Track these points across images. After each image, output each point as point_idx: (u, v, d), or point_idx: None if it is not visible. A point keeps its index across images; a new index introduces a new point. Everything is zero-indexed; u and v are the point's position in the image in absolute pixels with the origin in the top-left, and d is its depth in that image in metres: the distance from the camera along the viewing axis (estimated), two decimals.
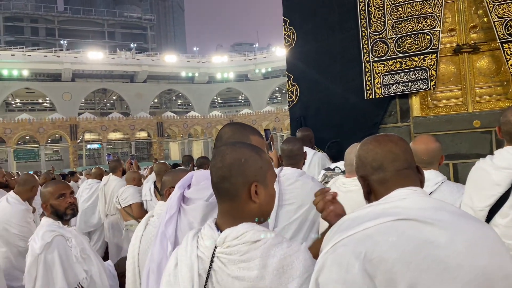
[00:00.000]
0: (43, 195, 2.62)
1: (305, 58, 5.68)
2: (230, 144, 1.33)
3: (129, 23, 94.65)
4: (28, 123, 47.06)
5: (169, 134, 58.19)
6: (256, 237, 1.17)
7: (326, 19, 5.42)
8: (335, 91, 5.31)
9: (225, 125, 1.72)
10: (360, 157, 1.29)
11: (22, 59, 55.00)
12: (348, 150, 2.54)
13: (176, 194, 1.56)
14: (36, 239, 2.42)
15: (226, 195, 1.26)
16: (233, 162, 1.25)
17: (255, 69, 65.82)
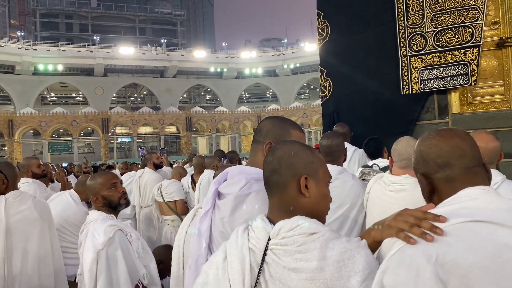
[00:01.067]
0: (93, 187, 2.53)
1: (339, 52, 5.57)
2: (281, 141, 1.32)
3: (160, 19, 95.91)
4: (62, 116, 48.54)
5: (197, 129, 58.79)
6: (313, 229, 1.13)
7: (362, 12, 5.29)
8: (370, 86, 5.18)
9: (265, 118, 1.69)
10: (422, 153, 1.19)
11: (57, 54, 56.69)
12: (400, 143, 2.36)
13: (212, 189, 1.56)
14: (96, 234, 2.32)
15: (275, 188, 1.23)
16: (283, 155, 1.23)
17: (284, 64, 65.52)
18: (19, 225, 2.83)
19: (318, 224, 1.16)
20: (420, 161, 1.20)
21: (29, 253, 2.82)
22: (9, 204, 2.85)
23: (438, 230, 0.98)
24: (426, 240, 0.97)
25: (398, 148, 2.35)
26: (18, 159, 43.96)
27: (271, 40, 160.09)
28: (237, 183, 1.48)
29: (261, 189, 1.40)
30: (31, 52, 55.14)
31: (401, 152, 2.32)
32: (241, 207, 1.43)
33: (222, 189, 1.52)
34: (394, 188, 2.28)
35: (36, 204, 2.91)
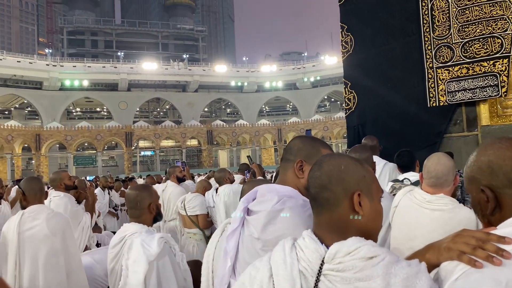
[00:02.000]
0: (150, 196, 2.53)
1: (363, 65, 5.54)
2: (327, 154, 1.24)
3: (182, 35, 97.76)
4: (87, 131, 49.64)
5: (218, 142, 59.15)
6: (371, 252, 1.02)
7: (386, 25, 5.27)
8: (395, 98, 5.12)
9: (295, 137, 1.68)
10: (491, 163, 1.06)
11: (82, 70, 58.28)
12: (430, 160, 2.28)
13: (240, 207, 1.52)
14: (146, 245, 2.32)
15: (325, 205, 1.14)
16: (332, 169, 1.14)
17: (304, 77, 65.57)
18: (30, 241, 2.83)
19: (376, 246, 1.06)
20: (486, 172, 1.06)
21: (39, 270, 2.79)
22: (24, 219, 2.87)
23: (505, 253, 0.87)
24: (494, 264, 0.86)
25: (428, 165, 2.28)
26: (44, 173, 45.06)
27: (291, 54, 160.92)
28: (269, 200, 1.43)
29: (294, 206, 1.36)
30: (58, 68, 56.86)
31: (430, 170, 2.25)
32: (273, 223, 1.37)
33: (253, 207, 1.48)
34: (429, 206, 2.20)
35: (49, 220, 2.89)
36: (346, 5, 5.65)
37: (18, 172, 45.80)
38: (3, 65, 51.65)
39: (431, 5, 4.83)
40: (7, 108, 59.37)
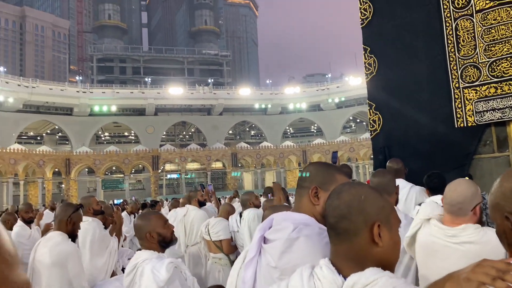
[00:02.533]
0: (148, 225, 2.57)
1: (388, 86, 5.50)
2: (345, 183, 1.24)
3: (207, 60, 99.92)
4: (115, 155, 50.75)
5: (243, 164, 59.28)
6: (389, 284, 1.01)
7: (410, 46, 5.24)
8: (422, 119, 5.04)
9: (309, 164, 1.67)
10: None
11: (111, 96, 60.08)
12: (449, 186, 2.21)
13: (257, 236, 1.51)
14: (156, 271, 2.35)
15: (345, 235, 1.13)
16: (352, 199, 1.13)
17: (328, 98, 65.46)
18: (37, 268, 2.96)
19: (393, 277, 1.05)
20: (510, 199, 1.03)
21: None
22: (39, 245, 3.05)
23: None
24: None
25: (446, 190, 2.22)
26: (73, 196, 46.09)
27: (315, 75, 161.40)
28: (285, 228, 1.42)
29: (311, 234, 1.35)
30: (88, 94, 58.82)
31: (446, 195, 2.20)
32: (290, 251, 1.37)
33: (269, 235, 1.48)
34: (456, 240, 2.13)
35: (53, 249, 2.99)
36: (369, 28, 5.66)
37: (48, 196, 47.01)
38: (36, 93, 53.84)
39: (456, 25, 4.79)
40: (39, 133, 61.55)
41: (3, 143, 47.45)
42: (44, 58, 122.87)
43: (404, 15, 5.30)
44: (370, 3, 5.63)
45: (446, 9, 4.87)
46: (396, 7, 5.41)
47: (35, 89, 54.23)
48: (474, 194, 2.15)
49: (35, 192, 47.51)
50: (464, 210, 2.14)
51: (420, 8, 5.15)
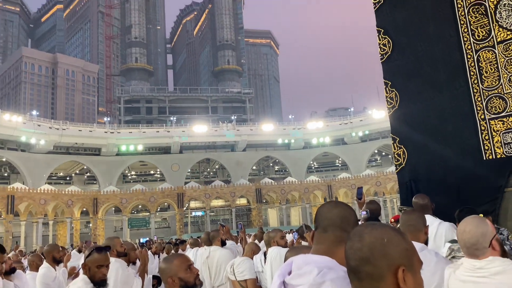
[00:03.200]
0: (170, 269, 2.53)
1: (411, 119, 5.44)
2: (366, 224, 1.21)
3: (230, 98, 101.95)
4: (141, 193, 51.34)
5: (267, 200, 58.82)
6: None
7: (431, 79, 5.21)
8: (448, 152, 4.93)
9: (323, 204, 1.63)
10: None
11: (138, 135, 61.57)
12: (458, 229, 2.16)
13: (276, 282, 1.45)
14: None
15: (368, 279, 1.10)
16: (374, 241, 1.10)
17: (352, 132, 65.08)
18: None
19: None
20: None
21: None
22: None
23: None
24: None
25: (457, 233, 2.18)
26: (100, 236, 46.49)
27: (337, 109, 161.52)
28: (309, 272, 1.37)
29: (336, 278, 1.31)
30: (115, 135, 60.46)
31: (459, 238, 2.16)
32: None
33: (291, 281, 1.41)
34: (485, 273, 2.05)
35: None
36: (389, 62, 5.68)
37: (76, 235, 47.59)
38: (66, 135, 55.73)
39: (477, 57, 4.75)
40: (69, 174, 63.17)
41: (35, 184, 48.84)
42: (74, 101, 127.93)
43: (424, 49, 5.30)
44: (389, 38, 5.68)
45: (467, 42, 4.85)
46: (416, 41, 5.43)
47: (65, 131, 56.18)
48: (485, 232, 2.08)
49: (63, 232, 48.21)
50: (481, 249, 2.07)
51: (440, 42, 5.15)
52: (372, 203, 4.39)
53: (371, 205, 4.20)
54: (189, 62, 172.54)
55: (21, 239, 43.57)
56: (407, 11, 5.55)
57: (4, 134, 49.79)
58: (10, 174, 57.71)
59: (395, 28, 5.66)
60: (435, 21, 5.24)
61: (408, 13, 5.54)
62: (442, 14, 5.16)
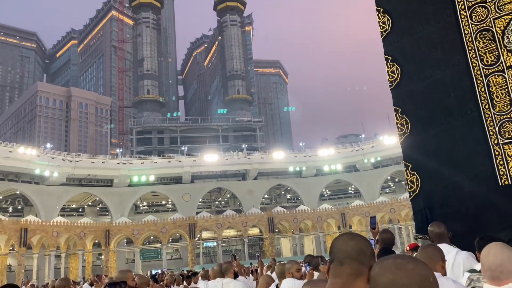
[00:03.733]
0: None
1: (423, 146, 5.39)
2: (407, 257, 1.17)
3: (241, 126, 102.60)
4: (152, 224, 51.12)
5: (280, 230, 58.03)
6: None
7: (442, 105, 5.19)
8: (462, 178, 4.85)
9: (338, 236, 1.59)
10: None
11: (149, 166, 61.93)
12: (482, 251, 2.14)
13: None
14: None
15: None
16: (424, 279, 1.08)
17: (364, 159, 64.63)
18: None
19: None
20: None
21: None
22: None
23: None
24: None
25: (481, 258, 2.14)
26: (112, 268, 46.09)
27: (348, 136, 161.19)
28: None
29: None
30: (128, 166, 60.91)
31: (483, 262, 2.12)
32: None
33: None
34: None
35: None
36: (398, 89, 5.69)
37: (88, 268, 47.25)
38: (79, 166, 56.31)
39: (487, 82, 4.73)
40: (81, 205, 63.42)
41: (47, 217, 49.08)
42: (88, 133, 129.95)
43: (433, 75, 5.31)
44: (397, 65, 5.71)
45: (476, 67, 4.85)
46: (424, 68, 5.45)
47: (78, 163, 56.82)
48: (510, 255, 2.06)
49: (75, 265, 47.94)
50: (506, 272, 2.02)
51: (448, 67, 5.16)
52: (386, 232, 4.30)
53: (384, 235, 4.12)
54: (200, 92, 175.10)
55: (33, 272, 43.39)
56: (414, 38, 5.59)
57: (18, 167, 50.50)
58: (24, 206, 58.16)
59: (403, 55, 5.70)
60: (443, 47, 5.27)
61: (415, 40, 5.59)
62: (450, 40, 5.20)
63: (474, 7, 5.02)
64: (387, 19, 5.83)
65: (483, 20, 4.91)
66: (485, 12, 4.90)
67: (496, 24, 4.80)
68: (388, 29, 5.88)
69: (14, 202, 58.26)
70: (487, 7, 4.90)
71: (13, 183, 52.03)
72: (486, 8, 4.91)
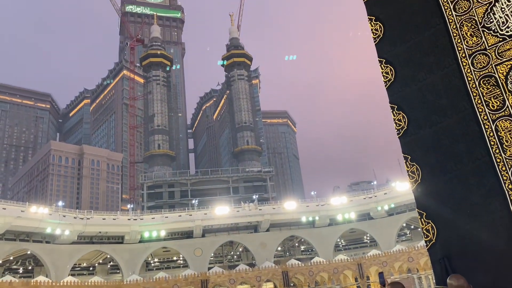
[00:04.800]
0: None
1: (436, 193, 5.28)
2: None
3: (251, 177, 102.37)
4: (164, 281, 49.79)
5: (295, 283, 56.02)
6: None
7: (451, 151, 5.15)
8: (478, 226, 4.70)
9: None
10: None
11: (160, 221, 61.41)
12: None
13: None
14: None
15: None
16: None
17: (377, 206, 63.50)
18: None
19: None
20: None
21: None
22: None
23: None
24: None
25: None
26: None
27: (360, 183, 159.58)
28: None
29: None
30: (138, 221, 60.49)
31: None
32: None
33: None
34: None
35: None
36: (406, 137, 5.68)
37: None
38: (90, 224, 56.07)
39: (495, 127, 4.72)
40: (92, 264, 62.40)
41: (58, 276, 48.19)
42: (99, 189, 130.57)
43: (440, 122, 5.31)
44: (404, 113, 5.74)
45: (482, 112, 4.86)
46: (431, 114, 5.46)
47: (90, 220, 56.64)
48: None
49: None
50: None
51: (455, 114, 5.17)
52: (395, 285, 4.14)
53: (395, 286, 3.96)
54: (210, 145, 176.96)
55: None
56: (418, 87, 5.67)
57: (30, 227, 50.43)
58: (34, 267, 57.39)
59: (408, 103, 5.74)
60: (447, 94, 5.32)
61: (419, 89, 5.65)
62: (454, 87, 5.25)
63: (474, 54, 5.12)
64: (389, 69, 5.95)
65: (485, 67, 4.98)
66: (486, 59, 4.99)
67: (499, 70, 4.86)
68: (392, 78, 5.98)
69: (24, 262, 57.60)
70: (487, 54, 5.00)
71: (24, 243, 51.74)
72: (487, 55, 5.00)
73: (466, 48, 5.24)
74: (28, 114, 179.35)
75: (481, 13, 5.27)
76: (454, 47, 5.31)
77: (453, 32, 5.41)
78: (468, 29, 5.29)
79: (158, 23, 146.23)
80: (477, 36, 5.19)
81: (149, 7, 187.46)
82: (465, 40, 5.27)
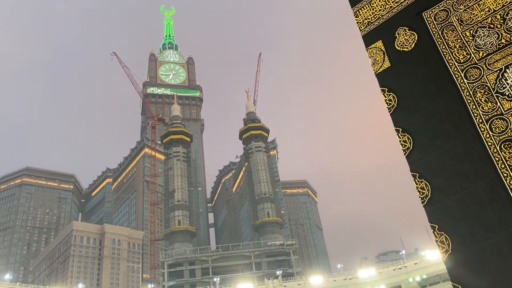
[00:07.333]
0: None
1: (468, 263, 5.02)
2: None
3: (273, 252, 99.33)
4: None
5: None
6: None
7: (480, 218, 4.98)
8: None
9: None
10: None
11: None
12: None
13: None
14: None
15: None
16: None
17: (408, 278, 60.13)
18: None
19: None
20: None
21: None
22: None
23: None
24: None
25: None
26: None
27: (388, 253, 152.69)
28: None
29: None
30: None
31: None
32: None
33: None
34: None
35: None
36: (431, 205, 5.54)
37: None
38: None
39: None
40: None
41: None
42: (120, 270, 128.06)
43: (465, 189, 5.21)
44: (426, 181, 5.66)
45: (507, 177, 4.77)
46: (454, 181, 5.37)
47: None
48: None
49: None
50: None
51: (480, 180, 5.08)
52: None
53: None
54: (230, 218, 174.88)
55: None
56: (438, 153, 5.64)
57: None
58: None
59: (429, 171, 5.68)
60: (469, 160, 5.26)
61: (439, 155, 5.63)
62: (475, 152, 5.22)
63: (491, 119, 5.14)
64: (407, 138, 5.97)
65: (504, 131, 4.97)
66: (504, 124, 4.99)
67: None
68: (410, 146, 5.99)
69: None
70: (505, 119, 5.01)
71: None
72: (505, 120, 5.01)
73: (482, 113, 5.28)
74: (52, 196, 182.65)
75: (493, 80, 5.37)
76: (470, 113, 5.36)
77: (467, 99, 5.49)
78: (482, 96, 5.37)
79: (178, 102, 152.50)
80: (491, 102, 5.24)
81: (169, 88, 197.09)
82: (480, 106, 5.33)
